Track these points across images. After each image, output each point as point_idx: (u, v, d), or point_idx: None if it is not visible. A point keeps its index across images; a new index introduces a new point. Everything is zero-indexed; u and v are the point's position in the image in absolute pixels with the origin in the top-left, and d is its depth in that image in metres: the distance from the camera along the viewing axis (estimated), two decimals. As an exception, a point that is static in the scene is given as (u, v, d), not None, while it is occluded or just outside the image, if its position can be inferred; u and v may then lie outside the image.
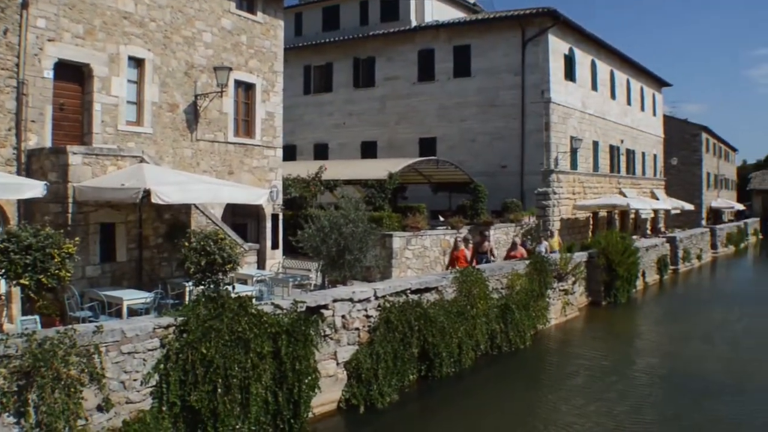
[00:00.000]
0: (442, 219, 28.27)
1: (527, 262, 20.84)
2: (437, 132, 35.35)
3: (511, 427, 12.75)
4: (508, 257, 22.94)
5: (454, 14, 39.12)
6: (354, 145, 37.84)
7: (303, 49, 39.02)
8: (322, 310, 12.45)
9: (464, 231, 25.91)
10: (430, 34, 36.02)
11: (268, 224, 22.41)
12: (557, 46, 33.60)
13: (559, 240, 26.48)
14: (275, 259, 22.22)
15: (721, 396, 14.26)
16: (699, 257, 41.27)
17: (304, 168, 27.64)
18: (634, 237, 33.64)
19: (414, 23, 36.80)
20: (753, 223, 63.82)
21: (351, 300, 13.16)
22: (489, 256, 21.79)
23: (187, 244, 11.95)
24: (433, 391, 14.26)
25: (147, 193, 13.66)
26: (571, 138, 34.41)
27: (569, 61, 34.98)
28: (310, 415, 11.36)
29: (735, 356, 17.97)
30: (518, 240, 24.46)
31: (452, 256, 21.53)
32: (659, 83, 51.88)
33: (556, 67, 33.41)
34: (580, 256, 24.44)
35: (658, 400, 14.17)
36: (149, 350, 9.63)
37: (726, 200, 75.70)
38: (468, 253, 21.05)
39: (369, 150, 37.09)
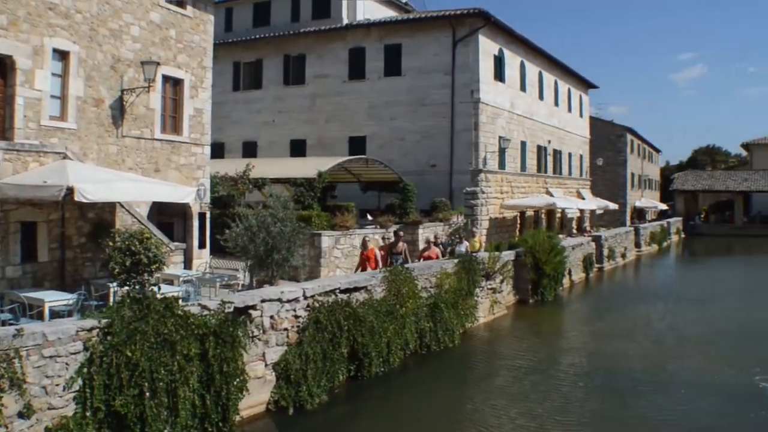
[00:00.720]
0: (371, 218, 28.29)
1: (456, 260, 20.96)
2: (367, 131, 35.39)
3: (438, 427, 12.77)
4: (421, 257, 22.48)
5: (385, 13, 39.24)
6: (283, 143, 37.62)
7: (233, 45, 38.63)
8: (250, 311, 12.29)
9: (394, 229, 26.02)
10: (361, 33, 36.02)
11: (195, 223, 22.07)
12: (487, 46, 33.97)
13: (481, 240, 26.44)
14: (202, 258, 21.88)
15: (643, 394, 14.49)
16: (623, 256, 42.12)
17: (232, 166, 27.35)
18: (561, 236, 34.10)
19: (345, 21, 36.74)
20: (675, 222, 65.43)
21: (279, 300, 13.02)
22: (403, 257, 21.26)
23: (111, 243, 11.63)
24: (363, 391, 14.22)
25: (70, 191, 13.33)
26: (500, 138, 34.80)
27: (499, 62, 35.41)
28: (239, 417, 11.20)
29: (658, 354, 18.30)
30: (432, 239, 24.16)
31: (362, 256, 20.99)
32: (586, 85, 52.90)
33: (486, 67, 33.78)
34: (508, 255, 24.68)
35: (582, 399, 14.35)
36: (72, 354, 9.33)
37: (650, 200, 77.69)
38: (378, 253, 20.78)
39: (298, 148, 36.93)
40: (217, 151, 32.11)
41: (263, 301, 12.64)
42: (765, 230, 67.80)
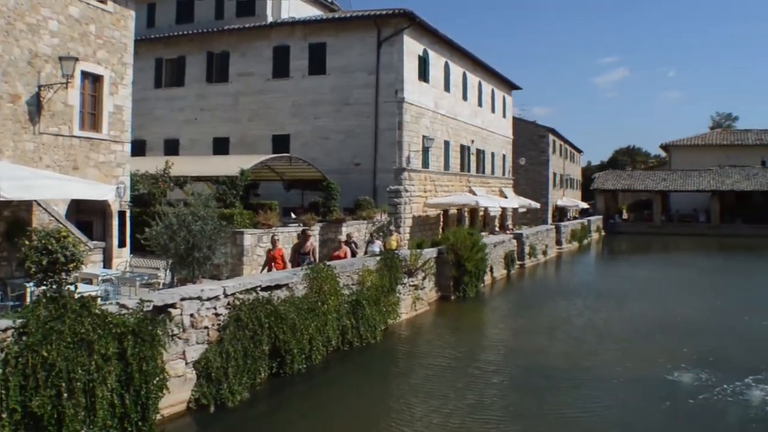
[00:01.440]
0: (294, 216, 28.26)
1: (378, 258, 21.15)
2: (291, 129, 35.33)
3: (358, 423, 12.92)
4: (331, 257, 22.10)
5: (310, 12, 39.25)
6: (206, 141, 37.29)
7: (155, 41, 38.04)
8: (170, 309, 12.23)
9: (317, 228, 26.12)
10: (285, 31, 35.92)
11: (115, 222, 21.73)
12: (412, 47, 34.28)
13: (398, 238, 26.45)
14: (122, 257, 21.56)
15: (561, 390, 14.82)
16: (544, 253, 42.96)
17: (153, 164, 26.97)
18: (483, 233, 34.63)
19: (270, 19, 36.57)
20: (596, 220, 67.02)
21: (200, 298, 13.00)
22: (311, 257, 21.13)
23: (27, 242, 11.46)
24: (285, 388, 14.29)
25: (-16, 189, 13.06)
26: (424, 137, 35.16)
27: (423, 62, 35.75)
28: (159, 416, 11.15)
29: (576, 350, 18.69)
30: (342, 238, 24.07)
31: (269, 255, 20.62)
32: (510, 86, 53.78)
33: (410, 67, 34.08)
34: (430, 253, 24.99)
35: (500, 396, 14.63)
36: (-15, 355, 9.22)
37: (571, 199, 79.41)
38: (286, 253, 20.66)
39: (221, 146, 36.65)
40: (138, 148, 31.66)
41: (183, 299, 12.59)
42: (682, 229, 70.18)
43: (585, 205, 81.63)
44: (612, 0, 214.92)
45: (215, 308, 13.41)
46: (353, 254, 23.08)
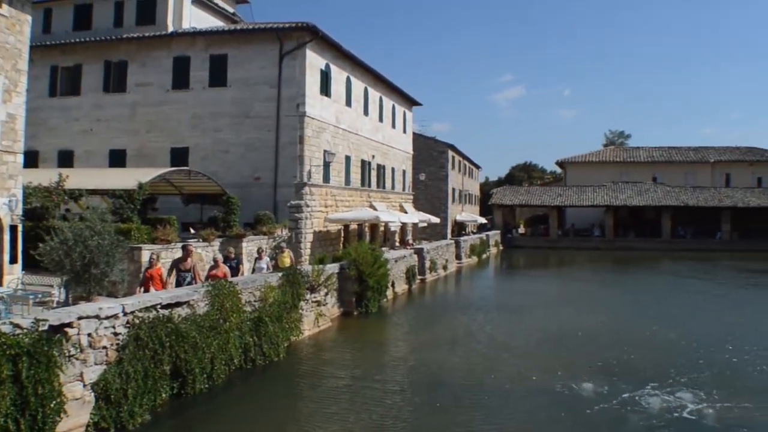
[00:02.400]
0: (193, 231, 27.81)
1: (280, 274, 20.96)
2: (190, 142, 34.71)
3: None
4: (208, 276, 20.02)
5: (213, 22, 38.72)
6: (102, 153, 36.21)
7: (51, 48, 36.78)
8: (67, 329, 11.76)
9: (216, 243, 25.73)
10: (186, 41, 35.33)
11: (6, 237, 20.83)
12: (314, 61, 34.24)
13: (291, 255, 25.80)
14: (14, 274, 20.66)
15: (464, 403, 14.96)
16: (445, 267, 43.45)
17: (46, 176, 25.98)
18: (384, 248, 34.78)
19: (171, 29, 35.91)
20: (494, 235, 68.27)
21: (98, 317, 12.54)
22: (192, 275, 19.53)
23: None
24: (187, 409, 13.94)
25: None
26: (325, 152, 35.09)
27: (325, 77, 35.75)
28: (55, 441, 10.73)
29: (479, 364, 18.82)
30: (220, 257, 21.82)
31: (146, 274, 19.03)
32: (410, 102, 54.34)
33: (312, 81, 34.02)
34: (332, 268, 24.91)
35: (404, 410, 14.65)
36: None
37: (470, 214, 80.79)
38: (164, 272, 19.44)
39: (118, 159, 35.67)
40: (31, 160, 30.52)
41: (80, 318, 12.13)
42: (578, 243, 72.62)
43: (483, 220, 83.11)
44: (509, 19, 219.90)
45: (114, 327, 12.98)
46: (235, 272, 21.35)
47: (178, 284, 18.97)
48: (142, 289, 18.49)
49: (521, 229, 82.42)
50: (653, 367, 18.05)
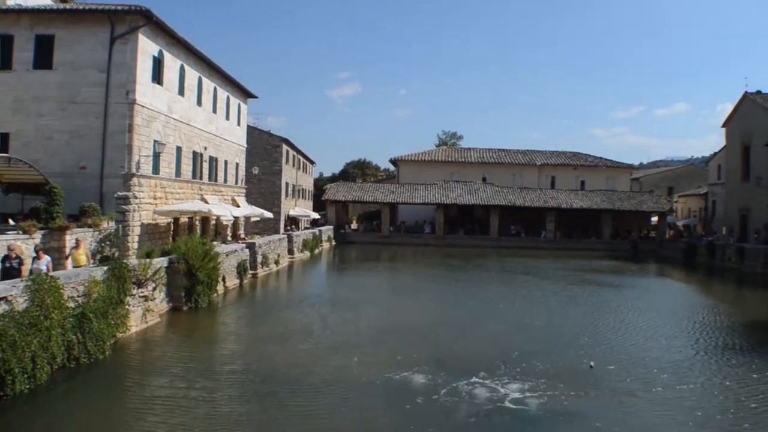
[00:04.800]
0: (13, 223, 26.14)
1: (105, 267, 20.09)
2: (11, 127, 32.40)
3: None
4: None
5: (40, 0, 36.48)
6: None
7: None
8: None
9: (38, 236, 24.31)
10: (10, 19, 32.78)
11: None
12: (147, 46, 32.98)
13: (87, 252, 24.19)
14: None
15: (298, 397, 14.96)
16: (277, 262, 43.16)
17: None
18: (215, 242, 34.15)
19: (-8, 5, 33.57)
20: (327, 230, 68.47)
21: None
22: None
23: None
24: (7, 412, 13.11)
25: None
26: (155, 142, 33.97)
27: (158, 64, 34.57)
28: None
29: (311, 357, 18.87)
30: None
31: None
32: (246, 94, 53.62)
33: (144, 68, 32.77)
34: (161, 262, 24.22)
35: (233, 404, 14.45)
36: None
37: (303, 209, 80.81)
38: None
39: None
40: None
41: None
42: (409, 239, 74.44)
43: (317, 216, 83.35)
44: (348, 16, 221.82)
45: None
46: (17, 273, 18.72)
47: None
48: None
49: (354, 225, 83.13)
50: (481, 359, 18.79)
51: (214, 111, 45.29)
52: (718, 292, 42.38)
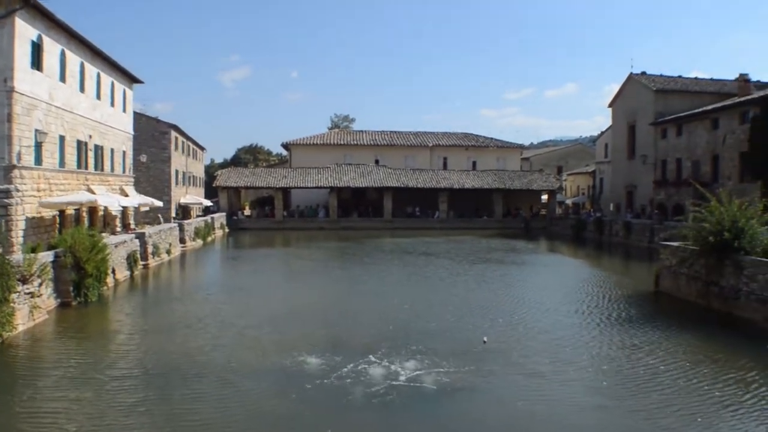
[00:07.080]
0: None
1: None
2: None
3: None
4: None
5: None
6: None
7: None
8: None
9: None
10: None
11: None
12: (24, 30, 31.55)
13: None
14: None
15: (189, 388, 14.76)
16: (169, 252, 42.23)
17: None
18: (104, 234, 33.16)
19: None
20: (219, 217, 67.44)
21: None
22: None
23: None
24: None
25: None
26: (36, 131, 32.65)
27: (37, 49, 33.15)
28: None
29: (205, 346, 18.65)
30: None
31: None
32: (131, 79, 52.13)
33: (22, 53, 31.38)
34: (46, 256, 23.30)
35: (126, 398, 14.15)
36: None
37: (194, 197, 79.55)
38: None
39: None
40: None
41: None
42: (303, 223, 74.82)
43: (209, 203, 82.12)
44: None
45: None
46: None
47: None
48: None
49: (247, 211, 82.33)
50: (374, 339, 19.05)
51: (98, 97, 43.81)
52: (607, 265, 44.22)
